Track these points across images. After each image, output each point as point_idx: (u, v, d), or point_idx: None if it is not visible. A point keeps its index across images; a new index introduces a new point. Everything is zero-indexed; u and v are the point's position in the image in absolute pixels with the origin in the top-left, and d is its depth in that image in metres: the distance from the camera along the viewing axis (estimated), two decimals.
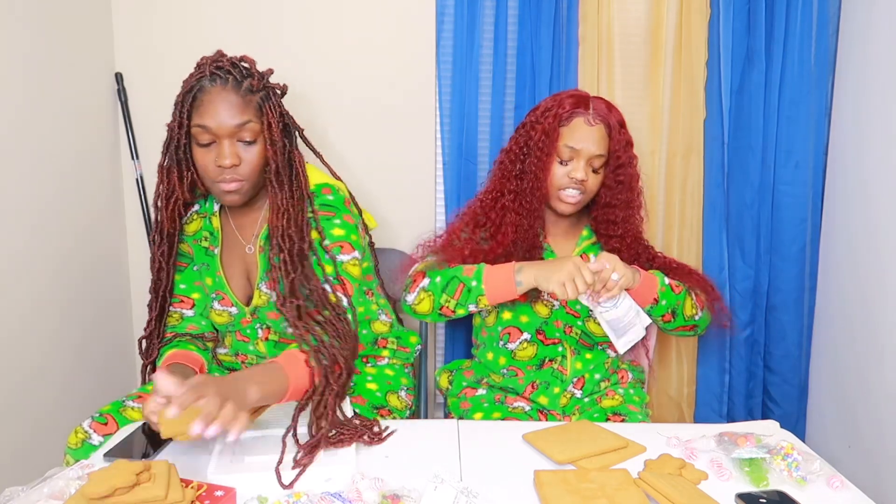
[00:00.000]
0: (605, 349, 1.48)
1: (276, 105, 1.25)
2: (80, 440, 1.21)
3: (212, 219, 1.37)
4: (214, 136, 1.20)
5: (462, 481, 0.96)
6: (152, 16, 1.83)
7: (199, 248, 1.39)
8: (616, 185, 1.43)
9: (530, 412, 1.42)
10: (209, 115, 1.19)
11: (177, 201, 1.31)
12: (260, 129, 1.22)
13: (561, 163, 1.40)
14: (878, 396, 1.64)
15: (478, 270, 1.33)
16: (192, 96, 1.22)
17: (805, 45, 1.79)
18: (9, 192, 1.45)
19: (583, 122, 1.39)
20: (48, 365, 1.60)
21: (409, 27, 1.86)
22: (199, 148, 1.23)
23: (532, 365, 1.45)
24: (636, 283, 1.35)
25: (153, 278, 1.37)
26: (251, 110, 1.21)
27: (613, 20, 1.81)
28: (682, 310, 1.42)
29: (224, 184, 1.23)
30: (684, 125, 1.86)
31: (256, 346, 1.37)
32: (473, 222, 1.47)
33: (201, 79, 1.21)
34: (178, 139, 1.24)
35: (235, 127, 1.20)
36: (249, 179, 1.24)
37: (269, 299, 1.30)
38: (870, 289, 1.69)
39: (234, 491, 0.93)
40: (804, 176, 1.85)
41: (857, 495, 0.98)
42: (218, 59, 1.23)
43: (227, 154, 1.20)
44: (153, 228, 1.36)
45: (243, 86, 1.20)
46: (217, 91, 1.20)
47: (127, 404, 1.27)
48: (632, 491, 0.94)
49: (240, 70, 1.22)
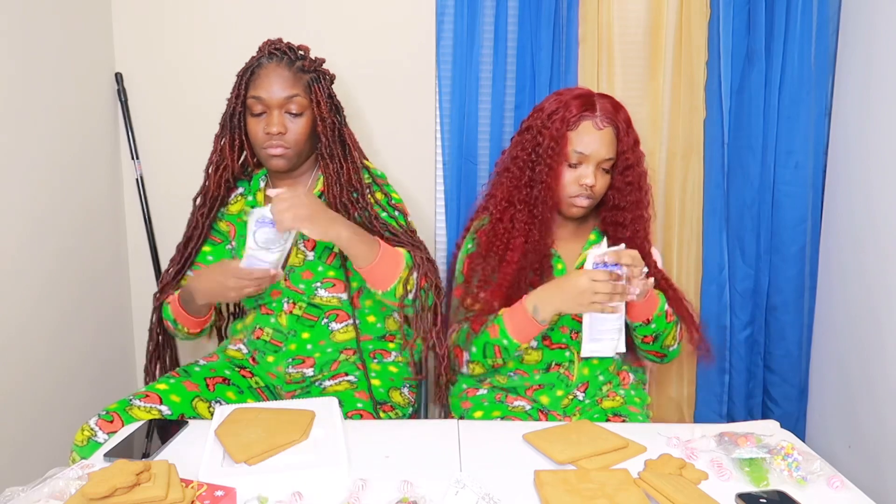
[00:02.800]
0: (613, 356, 1.46)
1: (326, 87, 1.40)
2: (86, 438, 1.21)
3: (256, 194, 1.47)
4: (266, 106, 1.35)
5: (483, 487, 0.95)
6: (152, 16, 1.84)
7: (240, 225, 1.47)
8: (625, 187, 1.40)
9: (530, 411, 1.42)
10: (262, 87, 1.34)
11: (226, 169, 1.43)
12: (307, 104, 1.36)
13: (570, 166, 1.38)
14: (879, 396, 1.64)
15: (501, 329, 1.33)
16: (250, 71, 1.37)
17: (805, 45, 1.80)
18: (9, 192, 1.45)
19: (591, 126, 1.36)
20: (48, 365, 1.60)
21: (409, 27, 1.86)
22: (252, 118, 1.37)
23: (539, 369, 1.44)
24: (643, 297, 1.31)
25: (186, 234, 1.48)
26: (300, 86, 1.36)
27: (613, 20, 1.82)
28: (664, 337, 1.40)
29: (271, 149, 1.36)
30: (684, 125, 1.86)
31: (279, 319, 1.44)
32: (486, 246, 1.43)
33: (261, 58, 1.38)
34: (234, 108, 1.39)
35: (284, 99, 1.34)
36: (294, 147, 1.37)
37: (305, 258, 1.41)
38: (870, 288, 1.69)
39: (234, 491, 0.93)
40: (804, 176, 1.85)
41: (857, 495, 0.98)
42: (277, 42, 1.39)
43: (275, 122, 1.34)
44: (198, 192, 1.48)
45: (295, 64, 1.36)
46: (272, 67, 1.35)
47: (133, 403, 1.28)
48: (632, 491, 0.94)
49: (294, 52, 1.38)
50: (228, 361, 1.50)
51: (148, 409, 1.28)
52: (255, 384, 1.48)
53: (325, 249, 1.42)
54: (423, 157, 1.93)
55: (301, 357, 1.45)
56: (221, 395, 1.40)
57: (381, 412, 1.41)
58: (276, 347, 1.45)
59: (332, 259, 1.42)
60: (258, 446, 1.03)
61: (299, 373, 1.45)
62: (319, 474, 1.00)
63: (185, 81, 1.87)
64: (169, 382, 1.36)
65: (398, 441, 1.14)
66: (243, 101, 1.37)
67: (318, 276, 1.43)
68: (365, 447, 1.10)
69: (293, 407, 1.19)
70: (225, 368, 1.46)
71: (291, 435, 1.07)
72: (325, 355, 1.46)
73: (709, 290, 1.91)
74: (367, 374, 1.45)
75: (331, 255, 1.42)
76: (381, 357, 1.50)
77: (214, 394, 1.39)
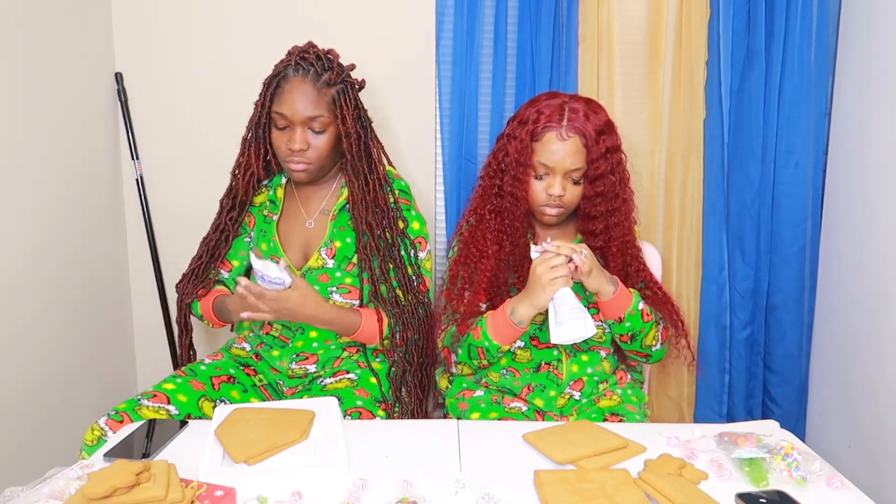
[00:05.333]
0: (599, 351, 1.47)
1: (353, 98, 1.39)
2: (96, 437, 1.22)
3: (276, 189, 1.50)
4: (289, 122, 1.36)
5: (483, 487, 0.95)
6: (152, 16, 1.83)
7: (260, 217, 1.52)
8: (595, 197, 1.38)
9: (527, 413, 1.42)
10: (286, 104, 1.35)
11: (252, 174, 1.46)
12: (329, 121, 1.37)
13: (537, 177, 1.38)
14: (879, 396, 1.64)
15: (483, 331, 1.36)
16: (276, 82, 1.37)
17: (805, 45, 1.79)
18: (8, 192, 1.45)
19: (555, 137, 1.34)
20: (48, 366, 1.60)
21: (409, 27, 1.86)
22: (276, 130, 1.39)
23: (529, 367, 1.45)
24: (609, 295, 1.33)
25: (212, 234, 1.53)
26: (324, 104, 1.36)
27: (613, 20, 1.81)
28: (642, 337, 1.39)
29: (293, 164, 1.39)
30: (684, 125, 1.86)
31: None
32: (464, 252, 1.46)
33: (287, 66, 1.37)
34: (259, 117, 1.41)
35: (307, 118, 1.35)
36: (315, 163, 1.39)
37: (324, 265, 1.43)
38: (870, 288, 1.69)
39: (234, 491, 0.93)
40: (804, 176, 1.85)
41: (857, 495, 0.98)
42: (305, 50, 1.39)
43: (297, 140, 1.36)
44: (225, 193, 1.51)
45: (322, 78, 1.35)
46: (297, 82, 1.35)
47: (142, 403, 1.29)
48: (632, 491, 0.94)
49: (322, 63, 1.36)
50: (233, 360, 1.52)
51: (156, 409, 1.28)
52: (259, 381, 1.49)
53: (344, 258, 1.44)
54: (423, 157, 1.93)
55: (305, 354, 1.46)
56: (226, 394, 1.41)
57: (381, 411, 1.41)
58: (283, 343, 1.47)
59: (350, 267, 1.44)
60: (258, 446, 1.03)
61: (302, 369, 1.47)
62: (319, 474, 1.00)
63: (185, 81, 1.87)
64: (176, 382, 1.37)
65: (398, 441, 1.14)
66: (268, 112, 1.38)
67: (334, 280, 1.44)
68: (365, 447, 1.10)
69: (293, 407, 1.19)
70: (230, 367, 1.48)
71: (291, 435, 1.07)
72: (329, 352, 1.47)
73: (709, 290, 1.91)
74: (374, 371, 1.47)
75: (349, 263, 1.44)
76: (383, 356, 1.51)
77: (219, 393, 1.41)
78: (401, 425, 1.18)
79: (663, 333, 1.43)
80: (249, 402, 1.43)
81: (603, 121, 1.38)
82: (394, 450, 1.10)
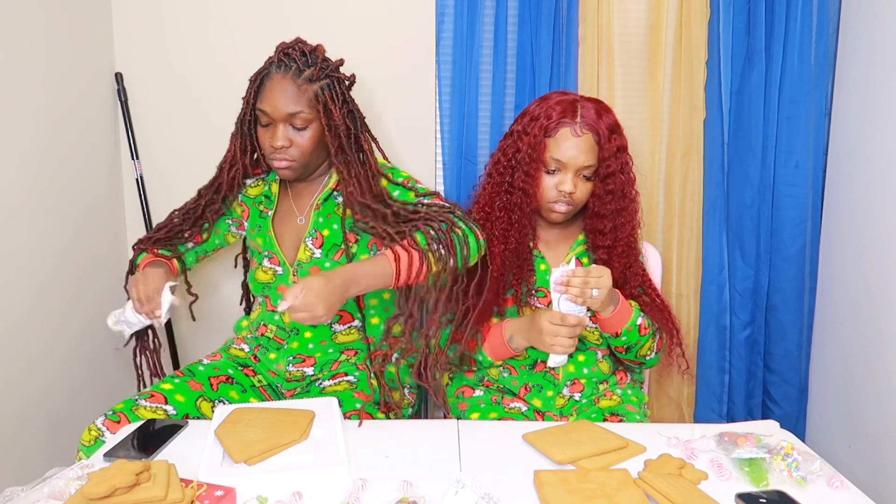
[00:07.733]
0: (596, 352, 1.47)
1: (340, 93, 1.36)
2: (93, 438, 1.22)
3: (271, 184, 1.50)
4: (271, 119, 1.34)
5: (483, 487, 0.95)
6: (152, 16, 1.83)
7: (255, 210, 1.52)
8: (605, 195, 1.39)
9: (527, 413, 1.42)
10: (268, 101, 1.33)
11: (237, 170, 1.45)
12: (312, 117, 1.34)
13: (548, 172, 1.38)
14: (879, 396, 1.64)
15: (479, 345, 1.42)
16: (259, 80, 1.36)
17: (805, 45, 1.79)
18: (8, 191, 1.45)
19: (569, 133, 1.35)
20: (47, 365, 1.60)
21: (408, 27, 1.86)
22: (260, 127, 1.39)
23: (525, 365, 1.45)
24: (608, 313, 1.33)
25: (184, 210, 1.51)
26: (304, 100, 1.33)
27: (613, 20, 1.81)
28: (637, 349, 1.40)
29: (276, 161, 1.37)
30: (684, 125, 1.86)
31: (282, 316, 1.46)
32: None
33: (271, 64, 1.36)
34: (245, 114, 1.40)
35: (288, 114, 1.33)
36: (300, 160, 1.37)
37: (312, 255, 1.42)
38: (870, 288, 1.69)
39: (234, 491, 0.93)
40: (804, 176, 1.85)
41: (857, 495, 0.98)
42: (288, 46, 1.36)
43: (279, 137, 1.34)
44: (208, 184, 1.50)
45: (303, 75, 1.32)
46: (278, 79, 1.33)
47: (139, 403, 1.28)
48: (632, 491, 0.94)
49: (306, 59, 1.34)
50: (232, 360, 1.51)
51: (154, 409, 1.28)
52: (258, 382, 1.49)
53: (333, 246, 1.43)
54: (423, 157, 1.93)
55: (302, 356, 1.45)
56: (225, 394, 1.41)
57: (381, 412, 1.41)
58: (279, 345, 1.47)
59: (339, 255, 1.42)
60: (258, 446, 1.03)
61: (299, 371, 1.46)
62: (319, 474, 1.00)
63: (186, 81, 1.87)
64: (174, 382, 1.36)
65: (398, 441, 1.14)
66: (253, 109, 1.38)
67: None
68: (365, 447, 1.10)
69: (293, 407, 1.19)
70: (229, 367, 1.48)
71: (291, 435, 1.07)
72: (326, 355, 1.46)
73: (709, 290, 1.91)
74: (372, 374, 1.46)
75: (338, 251, 1.42)
76: None
77: (218, 393, 1.40)
78: (401, 425, 1.18)
79: (658, 343, 1.43)
80: (249, 402, 1.43)
81: (613, 120, 1.39)
82: (394, 450, 1.10)
